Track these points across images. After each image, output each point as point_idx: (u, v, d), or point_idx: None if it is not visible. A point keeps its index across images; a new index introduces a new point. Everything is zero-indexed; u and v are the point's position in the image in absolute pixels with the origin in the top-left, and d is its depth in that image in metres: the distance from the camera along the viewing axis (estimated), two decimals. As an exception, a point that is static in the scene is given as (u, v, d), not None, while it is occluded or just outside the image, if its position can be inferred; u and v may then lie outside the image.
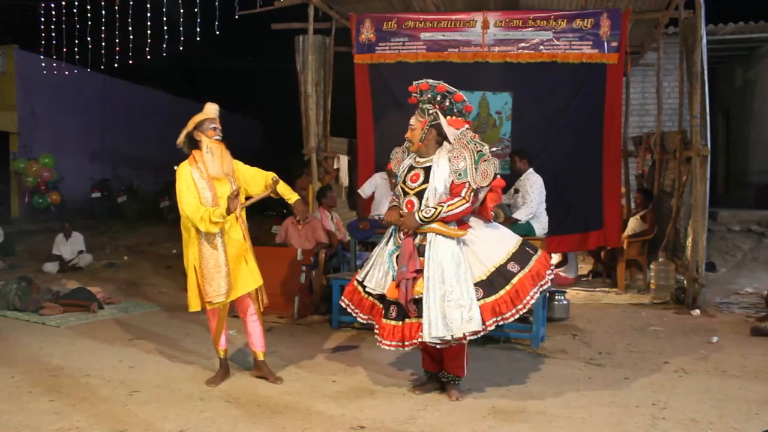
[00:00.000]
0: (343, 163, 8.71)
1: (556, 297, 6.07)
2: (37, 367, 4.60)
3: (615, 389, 4.15)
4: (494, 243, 3.95)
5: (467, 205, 3.82)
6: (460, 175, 3.82)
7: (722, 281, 7.86)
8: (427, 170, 3.90)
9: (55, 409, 3.76)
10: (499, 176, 3.93)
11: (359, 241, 6.62)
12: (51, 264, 9.15)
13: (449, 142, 3.95)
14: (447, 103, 3.98)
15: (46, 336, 5.52)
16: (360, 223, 6.57)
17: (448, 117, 3.98)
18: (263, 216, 12.14)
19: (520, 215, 6.42)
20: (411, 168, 3.99)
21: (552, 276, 3.98)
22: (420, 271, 3.79)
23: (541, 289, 3.89)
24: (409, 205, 3.89)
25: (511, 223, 6.15)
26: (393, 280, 3.85)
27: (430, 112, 3.95)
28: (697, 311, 6.36)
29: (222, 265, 4.12)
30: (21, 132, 14.76)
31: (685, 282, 6.82)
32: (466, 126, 4.00)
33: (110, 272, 9.18)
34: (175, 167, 4.26)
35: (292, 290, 6.23)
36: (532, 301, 3.84)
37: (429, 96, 3.99)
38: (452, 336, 3.68)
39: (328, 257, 6.88)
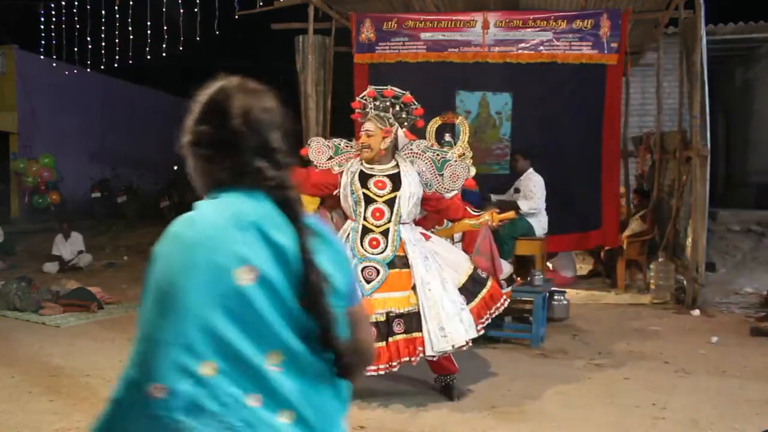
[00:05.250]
0: (343, 163, 8.69)
1: (556, 297, 6.07)
2: (37, 367, 4.60)
3: (615, 389, 4.15)
4: (455, 252, 4.04)
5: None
6: (429, 186, 3.89)
7: (722, 281, 7.85)
8: (394, 177, 3.83)
9: (55, 409, 3.76)
10: (470, 178, 4.08)
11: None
12: (51, 264, 9.15)
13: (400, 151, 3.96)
14: (397, 109, 3.92)
15: (46, 336, 5.52)
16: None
17: (404, 128, 4.00)
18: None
19: (524, 206, 6.41)
20: (366, 175, 3.85)
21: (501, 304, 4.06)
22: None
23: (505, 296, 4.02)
24: (377, 213, 3.78)
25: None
26: (364, 295, 3.61)
27: (391, 121, 3.88)
28: (697, 311, 6.36)
29: None
30: (21, 132, 14.76)
31: (685, 282, 6.81)
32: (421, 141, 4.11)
33: (110, 272, 9.18)
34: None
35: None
36: (504, 306, 3.96)
37: (387, 103, 3.89)
38: (453, 346, 3.64)
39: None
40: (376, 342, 3.61)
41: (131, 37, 9.15)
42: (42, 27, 9.88)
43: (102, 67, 10.04)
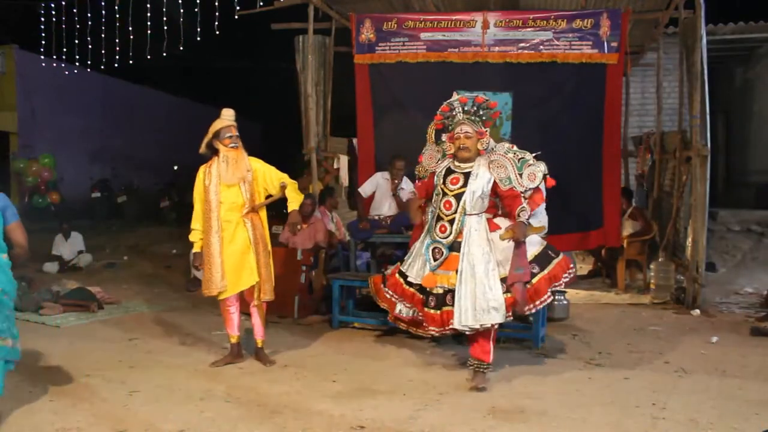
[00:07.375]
0: (343, 163, 8.70)
1: (556, 297, 6.07)
2: (37, 367, 4.61)
3: (615, 389, 4.15)
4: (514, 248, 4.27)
5: (527, 203, 4.32)
6: (507, 181, 4.28)
7: (722, 281, 7.86)
8: (467, 175, 4.33)
9: (55, 409, 3.76)
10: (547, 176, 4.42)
11: (359, 241, 6.62)
12: (51, 264, 9.14)
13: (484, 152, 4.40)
14: (481, 113, 4.39)
15: (46, 336, 5.52)
16: (360, 223, 6.56)
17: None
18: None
19: None
20: (450, 171, 4.41)
21: (567, 279, 4.33)
22: (533, 274, 4.21)
23: (554, 290, 4.31)
24: (447, 204, 4.33)
25: None
26: (430, 271, 4.30)
27: (483, 123, 4.40)
28: (697, 311, 6.36)
29: (216, 259, 4.49)
30: (21, 132, 14.76)
31: (685, 282, 6.82)
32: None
33: (110, 272, 9.18)
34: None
35: (292, 290, 6.23)
36: (548, 301, 4.27)
37: (474, 108, 4.38)
38: (480, 325, 4.10)
39: (328, 257, 6.87)
40: (434, 310, 4.24)
41: (131, 37, 9.15)
42: (42, 27, 9.87)
43: (102, 67, 10.04)
